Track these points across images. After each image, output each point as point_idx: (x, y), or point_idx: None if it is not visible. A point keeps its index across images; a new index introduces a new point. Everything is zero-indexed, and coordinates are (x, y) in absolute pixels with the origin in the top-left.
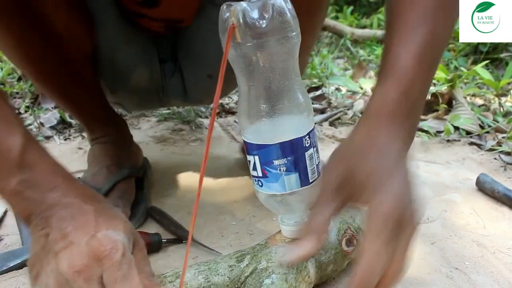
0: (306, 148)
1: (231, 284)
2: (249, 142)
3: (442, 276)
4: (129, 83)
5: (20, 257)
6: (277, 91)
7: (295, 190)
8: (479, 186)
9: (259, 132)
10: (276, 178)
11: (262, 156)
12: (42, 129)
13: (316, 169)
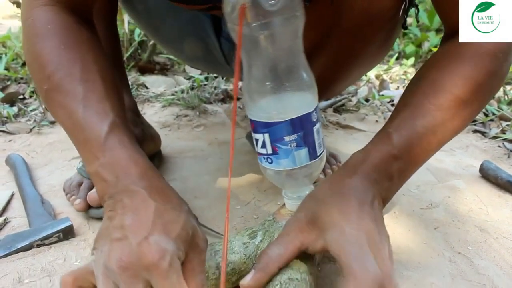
0: (314, 123)
1: (248, 261)
2: (257, 120)
3: (445, 260)
4: (184, 52)
5: (28, 238)
6: (285, 69)
7: (304, 164)
8: (483, 173)
9: (267, 110)
10: (287, 154)
11: (272, 133)
12: (47, 114)
13: (322, 142)
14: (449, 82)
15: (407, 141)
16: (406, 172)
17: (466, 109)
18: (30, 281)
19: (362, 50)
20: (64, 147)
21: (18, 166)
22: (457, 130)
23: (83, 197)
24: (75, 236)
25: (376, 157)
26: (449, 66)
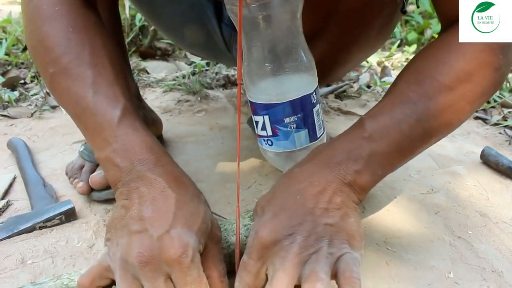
0: (313, 105)
1: None
2: (257, 102)
3: (445, 244)
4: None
5: (30, 220)
6: (284, 51)
7: (304, 146)
8: (484, 159)
9: (267, 92)
10: (286, 135)
11: (272, 115)
12: (48, 98)
13: (321, 124)
14: (434, 69)
15: (382, 126)
16: (385, 157)
17: (454, 97)
18: (33, 262)
19: (362, 35)
20: (65, 132)
21: (20, 149)
22: (449, 120)
23: (85, 180)
24: (77, 219)
25: (342, 141)
26: (436, 55)
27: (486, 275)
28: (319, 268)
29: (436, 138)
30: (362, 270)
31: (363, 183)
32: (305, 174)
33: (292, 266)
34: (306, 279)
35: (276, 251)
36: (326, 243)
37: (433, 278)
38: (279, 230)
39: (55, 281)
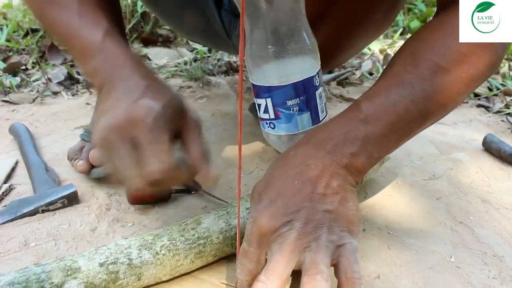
0: (316, 87)
1: None
2: (259, 85)
3: (447, 229)
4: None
5: (33, 204)
6: (287, 33)
7: (307, 129)
8: (486, 146)
9: (269, 74)
10: (289, 118)
11: (274, 97)
12: (50, 84)
13: (324, 107)
14: (430, 51)
15: (378, 108)
16: (381, 138)
17: (450, 78)
18: (36, 245)
19: (366, 19)
20: (67, 117)
21: (22, 134)
22: (444, 101)
23: (85, 158)
24: (79, 203)
25: (337, 122)
26: (432, 36)
27: (487, 259)
28: (320, 259)
29: (432, 120)
30: (364, 253)
31: (359, 165)
32: (300, 157)
33: (289, 251)
34: (307, 270)
35: (275, 238)
36: (325, 230)
37: (434, 262)
38: (277, 217)
39: (58, 263)
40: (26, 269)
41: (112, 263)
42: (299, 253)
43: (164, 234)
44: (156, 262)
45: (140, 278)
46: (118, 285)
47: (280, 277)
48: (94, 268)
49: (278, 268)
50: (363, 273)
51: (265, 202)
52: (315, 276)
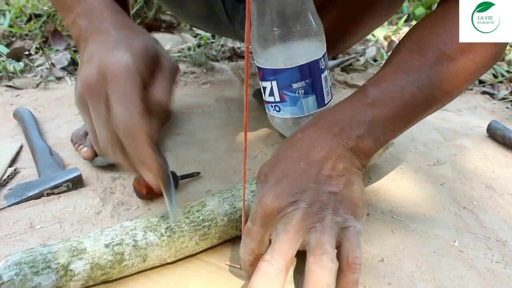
0: (322, 70)
1: None
2: (265, 68)
3: (451, 214)
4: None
5: (38, 187)
6: (293, 15)
7: (312, 112)
8: (490, 133)
9: (275, 57)
10: (294, 101)
11: (280, 80)
12: (53, 69)
13: (329, 90)
14: (436, 39)
15: (385, 92)
16: (387, 122)
17: (455, 66)
18: (41, 227)
19: (373, 5)
20: (71, 102)
21: (26, 119)
22: (449, 89)
23: (89, 145)
24: (84, 186)
25: (344, 106)
26: (438, 24)
27: (490, 244)
28: (325, 240)
29: (436, 106)
30: (368, 237)
31: (366, 148)
32: (307, 139)
33: (294, 231)
34: (313, 250)
35: (279, 218)
36: (331, 212)
37: (438, 246)
38: (283, 197)
39: (64, 244)
40: (33, 250)
41: (117, 244)
42: (304, 234)
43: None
44: (161, 244)
45: (145, 259)
46: (123, 266)
47: (285, 256)
48: (100, 249)
49: (283, 248)
50: (366, 256)
51: (270, 183)
52: (321, 257)
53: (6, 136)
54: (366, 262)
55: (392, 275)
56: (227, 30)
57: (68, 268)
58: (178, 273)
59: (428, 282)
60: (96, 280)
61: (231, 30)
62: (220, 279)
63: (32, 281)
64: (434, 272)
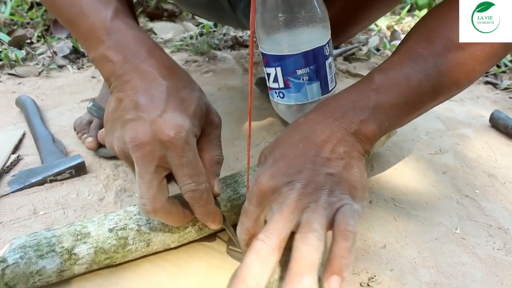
0: (326, 57)
1: None
2: (269, 54)
3: (453, 202)
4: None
5: (41, 174)
6: (298, 1)
7: (316, 99)
8: (493, 122)
9: (280, 43)
10: (298, 87)
11: (284, 66)
12: (55, 58)
13: (333, 77)
14: (445, 28)
15: (391, 79)
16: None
17: (464, 55)
18: (45, 213)
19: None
20: (73, 90)
21: (29, 106)
22: (457, 78)
23: (94, 135)
24: (87, 173)
25: (349, 92)
26: (447, 14)
27: (492, 231)
28: (314, 219)
29: (444, 96)
30: (370, 224)
31: (369, 132)
32: (309, 123)
33: (289, 211)
34: (300, 228)
35: (275, 198)
36: (326, 192)
37: (440, 233)
38: (278, 177)
39: (68, 228)
40: (37, 233)
41: (121, 229)
42: (299, 214)
43: None
44: (165, 229)
45: (149, 244)
46: (127, 251)
47: (279, 235)
48: (104, 233)
49: (277, 227)
50: (369, 243)
51: (268, 163)
52: (307, 234)
53: (9, 123)
54: (368, 248)
55: (394, 261)
56: (229, 18)
57: (72, 252)
58: (181, 258)
59: (430, 269)
60: (100, 264)
61: (233, 18)
62: (223, 264)
63: (36, 264)
64: (436, 258)
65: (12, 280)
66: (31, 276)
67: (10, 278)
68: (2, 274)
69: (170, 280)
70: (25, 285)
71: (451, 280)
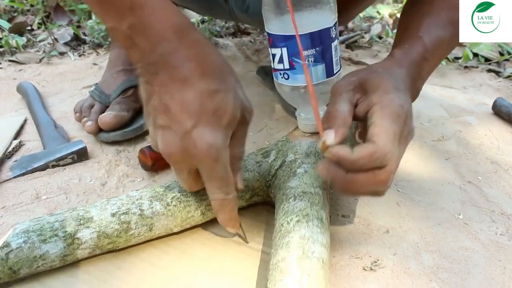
0: (332, 39)
1: (261, 178)
2: (275, 34)
3: (456, 188)
4: None
5: (43, 159)
6: None
7: (321, 81)
8: (495, 110)
9: (286, 23)
10: (303, 69)
11: (290, 47)
12: (56, 45)
13: (339, 61)
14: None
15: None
16: (427, 75)
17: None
18: (47, 198)
19: None
20: (74, 77)
21: (30, 93)
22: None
23: (94, 120)
24: (88, 159)
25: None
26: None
27: (495, 217)
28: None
29: None
30: (373, 209)
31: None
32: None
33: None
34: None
35: None
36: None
37: (443, 219)
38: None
39: (71, 212)
40: (40, 218)
41: (123, 213)
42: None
43: (175, 186)
44: (167, 213)
45: (151, 228)
46: (130, 235)
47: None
48: (106, 218)
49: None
50: (372, 227)
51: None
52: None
53: (10, 110)
54: (371, 233)
55: (397, 245)
56: (221, 9)
57: (75, 237)
58: (184, 243)
59: (433, 253)
60: (103, 249)
61: (225, 10)
62: (225, 249)
63: (40, 249)
64: (439, 243)
65: (16, 264)
66: (34, 260)
67: (14, 262)
68: (6, 259)
69: (173, 264)
70: (29, 270)
71: (454, 264)
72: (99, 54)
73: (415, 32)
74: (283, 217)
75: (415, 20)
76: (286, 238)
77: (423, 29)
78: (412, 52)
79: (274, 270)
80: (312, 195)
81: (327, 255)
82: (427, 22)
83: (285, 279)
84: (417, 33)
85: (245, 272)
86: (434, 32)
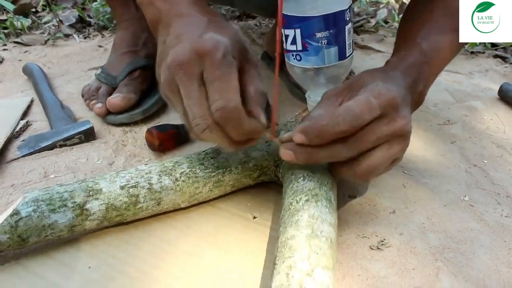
0: (346, 22)
1: (269, 158)
2: (290, 15)
3: (461, 171)
4: None
5: (50, 139)
6: None
7: (333, 64)
8: (501, 95)
9: (301, 4)
10: (316, 51)
11: (304, 28)
12: (61, 26)
13: (351, 44)
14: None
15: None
16: (431, 77)
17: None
18: (55, 176)
19: None
20: (80, 59)
21: (36, 74)
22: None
23: (103, 102)
24: (96, 139)
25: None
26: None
27: (500, 199)
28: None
29: None
30: (380, 190)
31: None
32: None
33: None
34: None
35: None
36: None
37: (448, 200)
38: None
39: (80, 184)
40: (50, 188)
41: (132, 186)
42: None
43: (184, 161)
44: (176, 188)
45: (159, 203)
46: (138, 209)
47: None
48: (115, 190)
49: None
50: (378, 208)
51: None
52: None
53: (16, 90)
54: (377, 213)
55: (403, 226)
56: None
57: (84, 208)
58: (191, 218)
59: (438, 233)
60: (111, 221)
61: None
62: (232, 224)
63: (49, 218)
64: (444, 224)
65: (25, 232)
66: (43, 229)
67: (23, 230)
68: (16, 226)
69: (178, 239)
70: (37, 238)
71: (459, 244)
72: (104, 36)
73: (413, 39)
74: (292, 196)
75: (413, 28)
76: (295, 216)
77: (421, 36)
78: (408, 57)
79: (283, 247)
80: (321, 176)
81: (335, 235)
82: (426, 28)
83: (295, 256)
84: (415, 39)
85: (254, 248)
86: (433, 38)
